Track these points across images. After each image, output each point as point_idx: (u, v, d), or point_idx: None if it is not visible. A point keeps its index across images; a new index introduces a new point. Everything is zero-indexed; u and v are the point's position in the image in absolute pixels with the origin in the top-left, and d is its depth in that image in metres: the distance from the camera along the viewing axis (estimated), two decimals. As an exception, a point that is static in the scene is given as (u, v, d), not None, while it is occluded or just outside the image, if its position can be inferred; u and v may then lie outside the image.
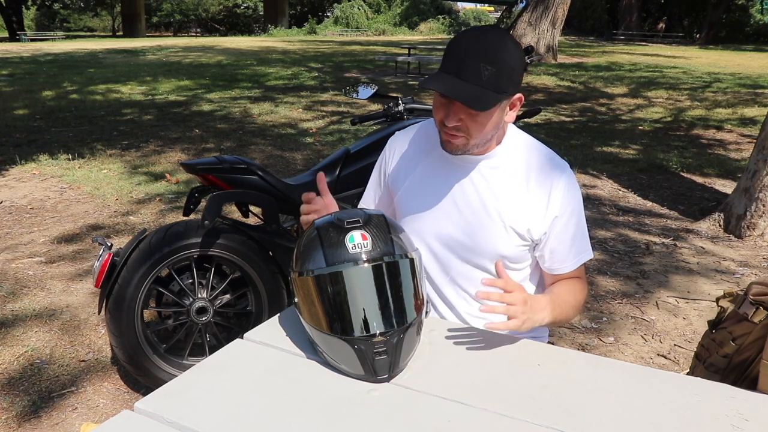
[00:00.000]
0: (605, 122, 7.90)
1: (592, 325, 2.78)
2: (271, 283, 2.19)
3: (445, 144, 1.25)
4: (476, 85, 1.13)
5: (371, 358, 1.00)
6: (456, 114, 1.18)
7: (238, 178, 2.18)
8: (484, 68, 1.13)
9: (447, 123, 1.19)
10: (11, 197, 4.43)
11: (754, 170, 3.90)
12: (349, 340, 1.01)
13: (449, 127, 1.20)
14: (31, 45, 21.98)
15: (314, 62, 14.19)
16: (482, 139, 1.23)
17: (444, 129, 1.23)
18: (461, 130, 1.21)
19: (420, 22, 36.63)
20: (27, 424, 2.05)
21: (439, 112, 1.22)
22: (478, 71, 1.13)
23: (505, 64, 1.15)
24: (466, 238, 1.31)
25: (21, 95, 8.83)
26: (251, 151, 5.82)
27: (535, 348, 1.17)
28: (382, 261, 1.04)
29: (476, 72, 1.13)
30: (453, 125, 1.19)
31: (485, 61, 1.13)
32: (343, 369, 1.04)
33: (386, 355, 1.01)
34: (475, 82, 1.13)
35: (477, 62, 1.13)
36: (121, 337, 2.05)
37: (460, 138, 1.22)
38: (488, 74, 1.13)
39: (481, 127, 1.20)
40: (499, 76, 1.14)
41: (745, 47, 26.04)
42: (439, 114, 1.23)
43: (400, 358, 1.03)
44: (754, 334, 1.26)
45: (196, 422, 0.90)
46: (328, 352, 1.05)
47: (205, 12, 44.85)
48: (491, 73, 1.13)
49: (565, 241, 1.29)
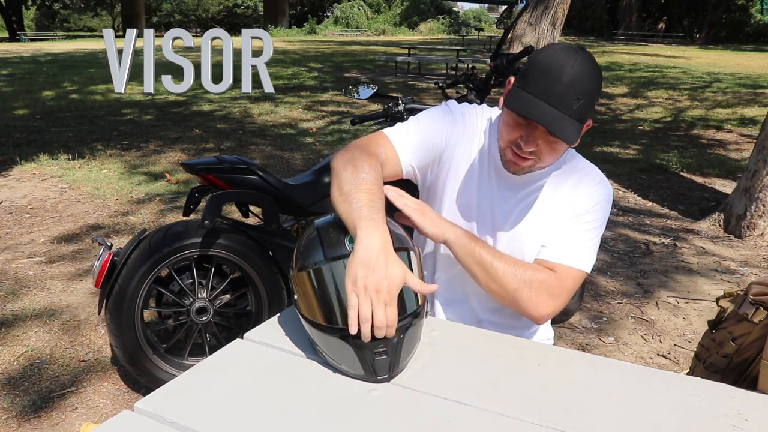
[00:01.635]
0: (605, 122, 7.91)
1: (592, 325, 2.78)
2: (271, 283, 2.19)
3: (510, 164, 1.21)
4: (567, 115, 1.08)
5: (371, 358, 1.00)
6: (535, 140, 1.14)
7: (238, 178, 2.18)
8: (577, 99, 1.08)
9: (525, 147, 1.14)
10: (11, 197, 4.43)
11: (754, 170, 3.90)
12: (349, 340, 1.01)
13: (523, 150, 1.15)
14: (31, 45, 21.99)
15: (314, 62, 14.20)
16: (549, 163, 1.21)
17: (515, 150, 1.17)
18: (534, 154, 1.16)
19: (420, 22, 36.66)
20: (27, 424, 2.05)
21: (514, 133, 1.16)
22: (570, 102, 1.08)
23: (594, 92, 1.12)
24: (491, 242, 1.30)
25: (21, 95, 8.83)
26: (251, 151, 5.82)
27: (535, 348, 1.17)
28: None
29: (569, 103, 1.08)
30: (530, 150, 1.15)
31: (579, 92, 1.09)
32: (343, 369, 1.04)
33: (386, 355, 1.01)
34: (566, 113, 1.08)
35: (572, 93, 1.08)
36: (121, 337, 2.05)
37: (529, 161, 1.17)
38: (578, 105, 1.09)
39: (556, 155, 1.18)
40: (586, 107, 1.11)
41: (745, 47, 26.04)
42: (513, 134, 1.16)
43: (401, 359, 1.03)
44: (754, 334, 1.26)
45: (196, 422, 0.90)
46: (328, 352, 1.05)
47: (205, 12, 44.88)
48: (581, 104, 1.09)
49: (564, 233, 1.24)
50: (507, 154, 1.20)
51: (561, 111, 1.08)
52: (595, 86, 1.13)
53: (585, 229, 1.25)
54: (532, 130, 1.13)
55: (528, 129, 1.13)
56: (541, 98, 1.08)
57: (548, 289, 1.19)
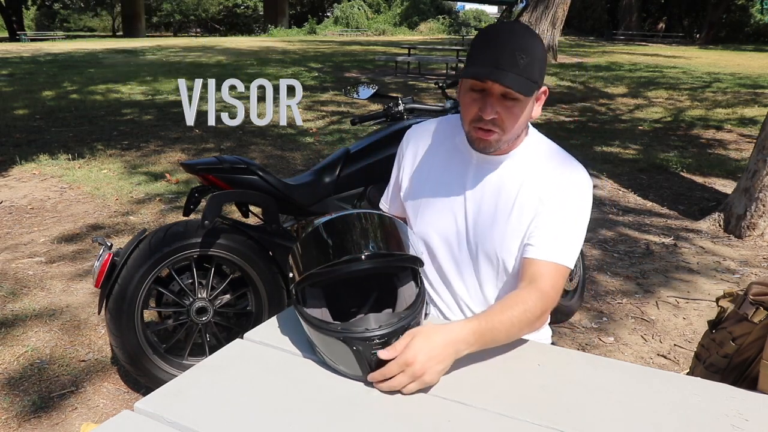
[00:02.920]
0: (605, 122, 7.90)
1: (592, 325, 2.78)
2: (271, 283, 2.19)
3: (477, 142, 1.22)
4: (515, 73, 1.12)
5: (368, 358, 1.00)
6: (493, 106, 1.16)
7: (238, 178, 2.18)
8: (520, 56, 1.12)
9: (485, 116, 1.17)
10: (11, 197, 4.43)
11: (754, 170, 3.90)
12: (347, 340, 1.01)
13: (485, 122, 1.18)
14: (31, 45, 21.98)
15: (314, 62, 14.19)
16: (514, 134, 1.22)
17: (477, 125, 1.20)
18: (496, 125, 1.18)
19: (420, 22, 36.63)
20: (27, 424, 2.05)
21: (473, 108, 1.19)
22: (515, 59, 1.12)
23: (536, 53, 1.16)
24: (474, 238, 1.30)
25: (21, 95, 8.83)
26: (251, 151, 5.82)
27: (535, 348, 1.17)
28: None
29: (513, 60, 1.12)
30: (490, 118, 1.17)
31: (520, 50, 1.13)
32: (341, 370, 1.04)
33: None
34: (514, 71, 1.12)
35: (513, 51, 1.12)
36: (121, 337, 2.05)
37: (494, 134, 1.20)
38: (524, 63, 1.13)
39: (516, 119, 1.19)
40: (533, 65, 1.14)
41: (745, 47, 26.04)
42: (472, 109, 1.19)
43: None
44: (754, 334, 1.26)
45: (196, 422, 0.90)
46: (327, 352, 1.05)
47: (205, 12, 44.85)
48: (526, 61, 1.13)
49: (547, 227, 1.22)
50: (472, 134, 1.22)
51: (508, 70, 1.12)
52: (537, 47, 1.17)
53: (563, 217, 1.23)
54: (487, 98, 1.16)
55: (483, 100, 1.17)
56: (488, 63, 1.14)
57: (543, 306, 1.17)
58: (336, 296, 1.15)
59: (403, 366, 0.98)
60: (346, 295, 1.17)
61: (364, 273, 1.10)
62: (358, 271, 1.09)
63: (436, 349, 0.99)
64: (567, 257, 1.21)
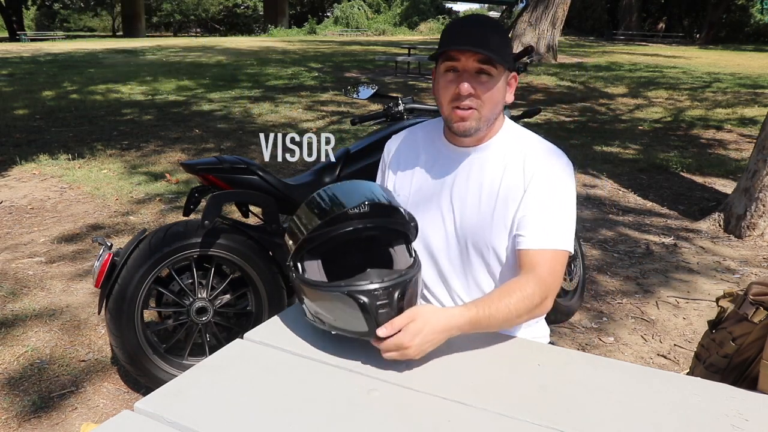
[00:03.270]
0: (605, 122, 7.90)
1: (592, 325, 2.78)
2: (271, 283, 2.19)
3: (458, 124, 1.25)
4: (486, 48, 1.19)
5: (374, 312, 1.02)
6: (470, 82, 1.21)
7: (238, 178, 2.18)
8: (491, 36, 1.21)
9: (462, 92, 1.21)
10: (11, 197, 4.43)
11: (754, 170, 3.90)
12: (352, 294, 1.03)
13: (463, 98, 1.22)
14: (31, 45, 21.99)
15: (314, 62, 14.20)
16: (492, 113, 1.26)
17: (456, 104, 1.24)
18: (473, 101, 1.23)
19: (420, 22, 36.64)
20: (27, 424, 2.05)
21: (450, 88, 1.23)
22: (486, 38, 1.20)
23: (504, 37, 1.24)
24: (463, 232, 1.32)
25: (21, 95, 8.83)
26: (251, 151, 5.82)
27: (535, 348, 1.17)
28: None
29: (485, 39, 1.20)
30: (467, 94, 1.21)
31: (490, 30, 1.22)
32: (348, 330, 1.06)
33: (388, 307, 1.03)
34: (485, 47, 1.19)
35: (483, 31, 1.21)
36: (121, 337, 2.05)
37: (473, 111, 1.24)
38: (494, 42, 1.20)
39: (492, 96, 1.23)
40: (502, 46, 1.22)
41: (745, 47, 26.04)
42: (450, 89, 1.24)
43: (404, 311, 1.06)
44: (754, 334, 1.26)
45: (196, 422, 0.90)
46: (331, 315, 1.07)
47: (205, 12, 44.85)
48: (496, 41, 1.21)
49: (536, 215, 1.24)
50: (452, 116, 1.26)
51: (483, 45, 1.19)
52: (503, 32, 1.25)
53: (549, 202, 1.25)
54: (461, 75, 1.22)
55: (459, 78, 1.22)
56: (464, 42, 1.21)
57: (542, 292, 1.18)
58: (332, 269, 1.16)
59: (399, 347, 1.04)
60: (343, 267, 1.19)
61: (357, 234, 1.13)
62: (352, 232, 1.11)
63: (431, 335, 1.05)
64: (562, 241, 1.23)
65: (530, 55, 2.48)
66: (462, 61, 1.21)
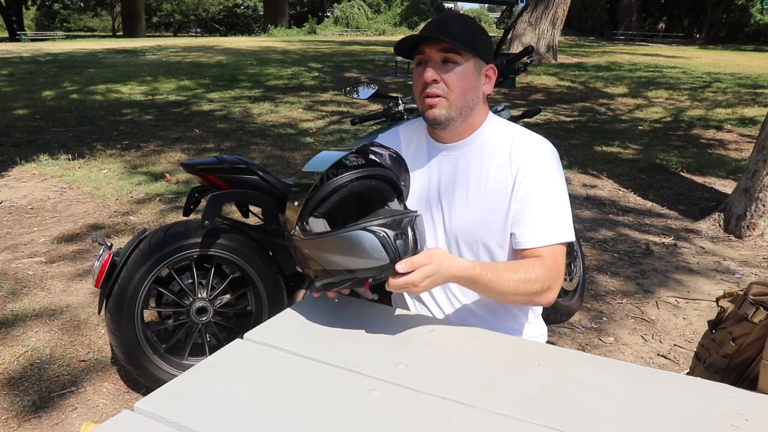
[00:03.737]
0: (605, 122, 7.90)
1: (592, 325, 2.78)
2: (271, 283, 2.19)
3: (430, 114, 1.28)
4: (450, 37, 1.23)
5: (392, 243, 1.08)
6: (434, 70, 1.25)
7: (238, 178, 2.18)
8: (453, 25, 1.24)
9: (426, 78, 1.25)
10: (11, 197, 4.43)
11: (754, 170, 3.90)
12: (368, 229, 1.08)
13: (429, 85, 1.25)
14: (31, 45, 21.98)
15: (314, 62, 14.20)
16: (462, 101, 1.27)
17: (425, 93, 1.27)
18: (440, 88, 1.25)
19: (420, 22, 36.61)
20: (27, 424, 2.05)
21: (419, 80, 1.27)
22: (447, 27, 1.24)
23: (473, 26, 1.27)
24: (452, 228, 1.32)
25: (21, 95, 8.83)
26: (251, 151, 5.82)
27: (535, 348, 1.17)
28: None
29: (447, 28, 1.24)
30: (431, 80, 1.24)
31: (454, 21, 1.25)
32: (366, 269, 1.09)
33: (404, 237, 1.10)
34: (445, 35, 1.23)
35: (446, 22, 1.25)
36: (121, 337, 2.05)
37: (440, 98, 1.26)
38: (458, 30, 1.24)
39: (457, 81, 1.25)
40: (468, 34, 1.24)
41: (745, 47, 26.05)
42: (419, 81, 1.28)
43: (418, 243, 1.12)
44: (754, 334, 1.26)
45: (196, 422, 0.90)
46: (347, 259, 1.09)
47: (205, 12, 44.85)
48: (460, 29, 1.24)
49: (531, 213, 1.25)
50: (424, 108, 1.30)
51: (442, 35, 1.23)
52: (476, 26, 1.28)
53: (543, 195, 1.26)
54: (426, 67, 1.26)
55: (424, 67, 1.26)
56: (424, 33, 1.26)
57: (547, 280, 1.21)
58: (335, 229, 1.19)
59: (409, 284, 1.09)
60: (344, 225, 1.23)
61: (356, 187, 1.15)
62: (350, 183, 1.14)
63: (439, 279, 1.12)
64: (561, 233, 1.25)
65: (530, 55, 2.48)
66: (427, 53, 1.25)
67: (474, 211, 1.30)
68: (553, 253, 1.24)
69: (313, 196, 1.14)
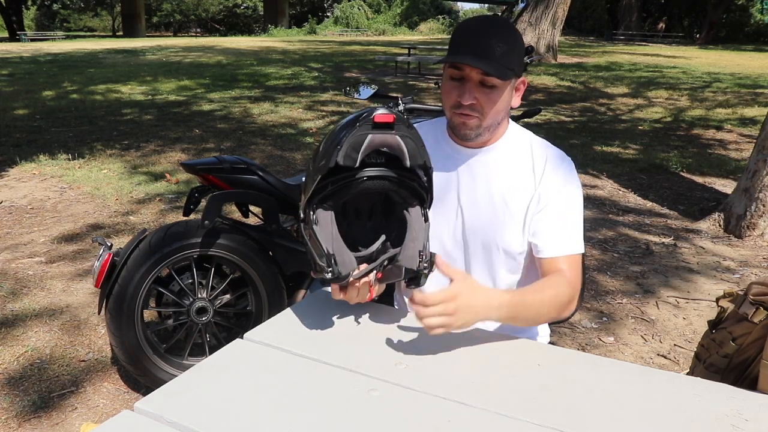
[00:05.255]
0: (605, 122, 7.90)
1: (592, 325, 2.78)
2: (271, 283, 2.19)
3: (459, 128, 1.26)
4: (492, 60, 1.17)
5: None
6: (471, 92, 1.21)
7: (238, 178, 2.18)
8: (496, 45, 1.18)
9: (463, 102, 1.21)
10: (11, 197, 4.43)
11: (754, 170, 3.90)
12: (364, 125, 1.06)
13: (464, 107, 1.22)
14: (31, 45, 21.98)
15: (314, 62, 14.19)
16: (494, 120, 1.26)
17: (457, 111, 1.24)
18: (475, 110, 1.23)
19: (420, 22, 36.67)
20: (27, 424, 2.05)
21: (452, 95, 1.24)
22: (491, 48, 1.17)
23: (513, 43, 1.21)
24: (471, 233, 1.32)
25: (21, 95, 8.83)
26: (251, 151, 5.82)
27: (535, 348, 1.17)
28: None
29: (490, 49, 1.18)
30: (468, 104, 1.21)
31: (497, 39, 1.18)
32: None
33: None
34: (491, 57, 1.17)
35: (489, 40, 1.18)
36: (121, 337, 2.05)
37: (474, 119, 1.24)
38: (500, 51, 1.18)
39: (493, 104, 1.22)
40: (510, 54, 1.19)
41: (745, 47, 26.05)
42: (452, 97, 1.24)
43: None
44: (754, 334, 1.26)
45: (196, 422, 0.90)
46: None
47: (205, 12, 44.85)
48: (503, 50, 1.18)
49: (552, 223, 1.27)
50: (454, 120, 1.27)
51: (485, 57, 1.17)
52: (514, 38, 1.22)
53: (563, 208, 1.28)
54: (465, 84, 1.21)
55: (462, 87, 1.21)
56: (464, 52, 1.19)
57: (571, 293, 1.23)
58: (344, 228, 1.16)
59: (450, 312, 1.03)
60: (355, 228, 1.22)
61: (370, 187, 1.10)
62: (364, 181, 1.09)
63: (476, 314, 1.07)
64: (578, 244, 1.27)
65: (530, 55, 2.48)
66: (466, 71, 1.20)
67: (496, 216, 1.29)
68: (573, 263, 1.26)
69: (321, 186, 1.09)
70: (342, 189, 1.10)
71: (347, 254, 1.11)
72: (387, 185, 1.12)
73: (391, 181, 1.12)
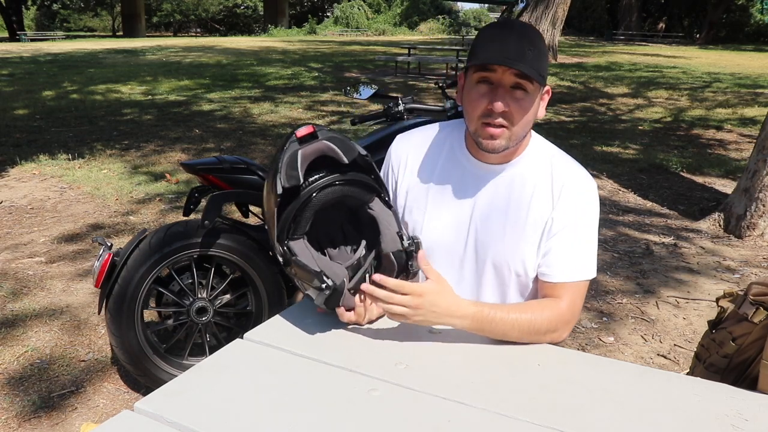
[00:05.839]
0: (605, 122, 7.91)
1: (592, 325, 2.78)
2: (271, 283, 2.19)
3: (487, 141, 1.17)
4: (524, 63, 1.11)
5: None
6: (504, 98, 1.13)
7: (238, 178, 2.18)
8: (528, 48, 1.11)
9: (496, 108, 1.13)
10: (11, 197, 4.43)
11: (754, 170, 3.90)
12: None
13: (495, 115, 1.14)
14: (31, 45, 21.98)
15: (314, 62, 14.19)
16: (523, 131, 1.19)
17: (486, 120, 1.16)
18: (506, 119, 1.15)
19: (420, 22, 36.67)
20: (27, 424, 2.05)
21: (482, 102, 1.15)
22: (523, 51, 1.11)
23: (542, 48, 1.15)
24: (482, 250, 1.27)
25: (21, 95, 8.83)
26: (251, 151, 5.82)
27: (535, 348, 1.17)
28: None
29: (522, 52, 1.11)
30: (501, 111, 1.13)
31: (527, 42, 1.12)
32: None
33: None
34: (523, 61, 1.11)
35: (521, 44, 1.12)
36: (121, 337, 2.05)
37: (504, 130, 1.16)
38: (531, 55, 1.11)
39: (525, 113, 1.15)
40: (540, 59, 1.13)
41: (745, 47, 26.06)
42: (481, 104, 1.15)
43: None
44: (754, 334, 1.26)
45: (196, 422, 0.90)
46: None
47: (205, 12, 44.84)
48: (534, 54, 1.12)
49: (562, 250, 1.22)
50: (480, 131, 1.18)
51: (518, 60, 1.11)
52: (542, 43, 1.17)
53: (576, 233, 1.22)
54: (497, 90, 1.14)
55: (493, 92, 1.14)
56: (498, 55, 1.12)
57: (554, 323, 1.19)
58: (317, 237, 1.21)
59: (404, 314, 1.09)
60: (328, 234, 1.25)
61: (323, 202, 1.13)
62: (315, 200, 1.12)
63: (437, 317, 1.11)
64: (586, 271, 1.23)
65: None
66: (498, 74, 1.13)
67: (512, 238, 1.24)
68: (574, 291, 1.21)
69: (282, 222, 1.13)
70: (301, 214, 1.12)
71: (335, 266, 1.16)
72: (339, 191, 1.14)
73: (341, 185, 1.14)
